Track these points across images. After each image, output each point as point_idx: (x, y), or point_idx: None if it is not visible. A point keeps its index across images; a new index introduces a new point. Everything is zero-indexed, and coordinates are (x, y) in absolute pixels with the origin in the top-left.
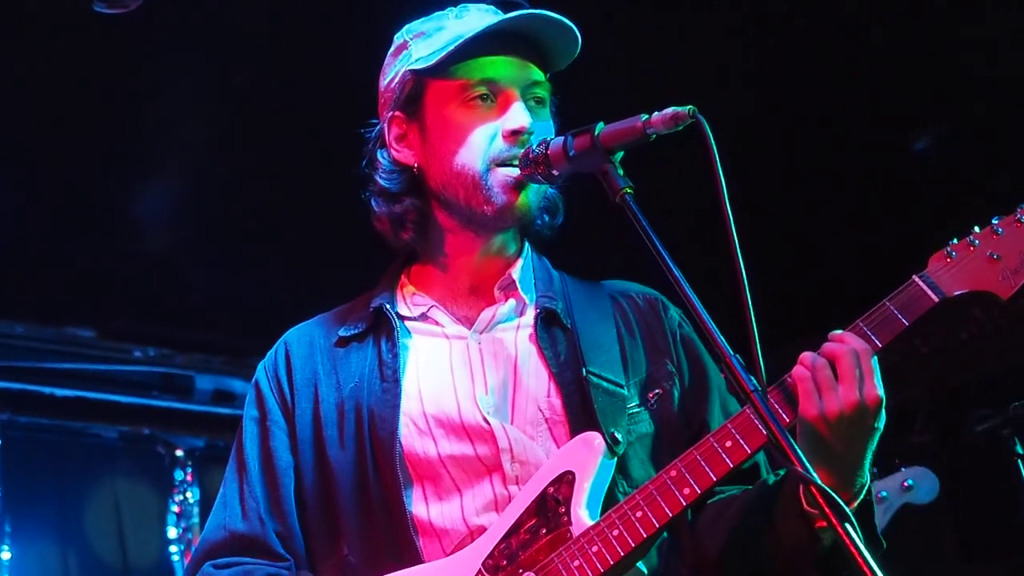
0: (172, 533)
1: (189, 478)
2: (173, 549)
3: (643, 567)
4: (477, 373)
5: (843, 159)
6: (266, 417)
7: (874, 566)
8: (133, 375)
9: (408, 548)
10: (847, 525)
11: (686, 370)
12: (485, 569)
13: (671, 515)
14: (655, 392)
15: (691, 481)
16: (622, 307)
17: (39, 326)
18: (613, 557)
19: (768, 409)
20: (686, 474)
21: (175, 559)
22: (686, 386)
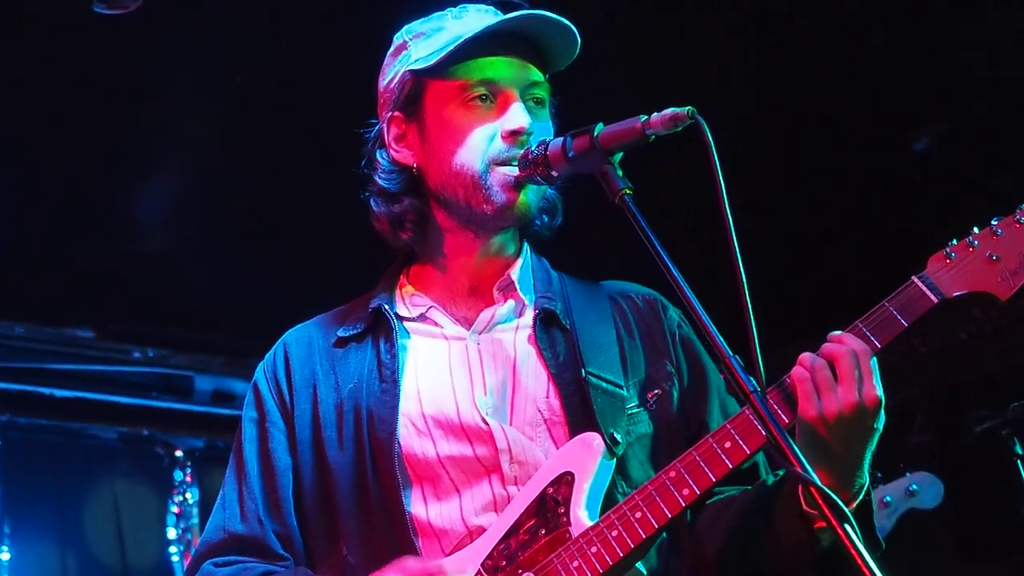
0: (171, 534)
1: (188, 479)
2: (172, 550)
3: (642, 568)
4: (476, 374)
5: (843, 159)
6: (265, 418)
7: (873, 567)
8: (132, 376)
9: (407, 549)
10: (846, 526)
11: (685, 370)
12: (484, 570)
13: (670, 516)
14: (654, 393)
15: (690, 482)
16: (621, 308)
17: (38, 327)
18: (612, 558)
19: (767, 410)
20: (685, 475)
21: (174, 560)
22: (685, 386)
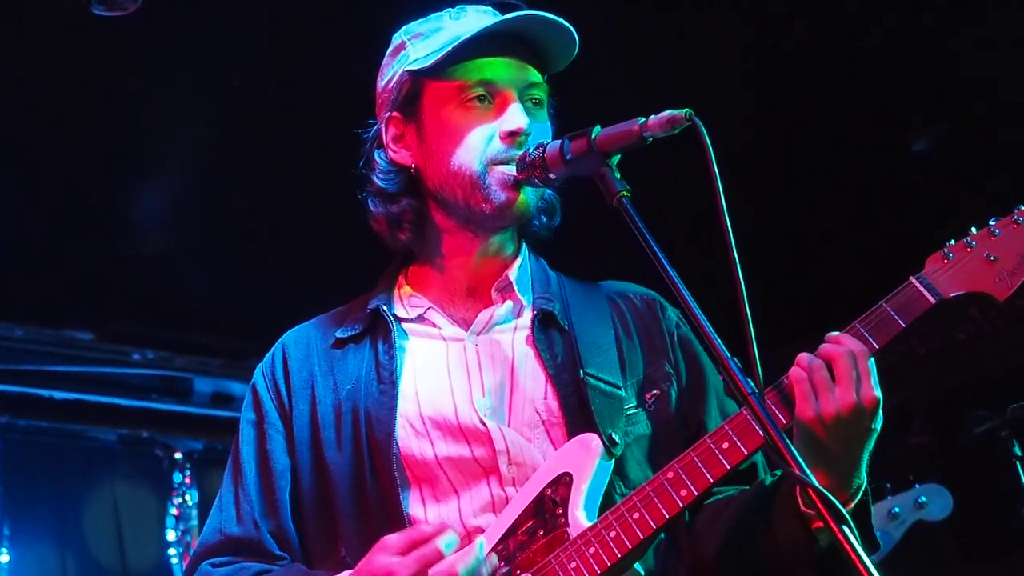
0: (171, 536)
1: (188, 481)
2: (172, 552)
3: (640, 568)
4: (474, 375)
5: (842, 160)
6: (263, 420)
7: (871, 567)
8: (132, 378)
9: None
10: (844, 527)
11: (683, 371)
12: None
13: (668, 517)
14: (652, 393)
15: (688, 483)
16: (620, 308)
17: (38, 328)
18: (610, 559)
19: (765, 411)
20: (683, 476)
21: (174, 561)
22: (683, 387)
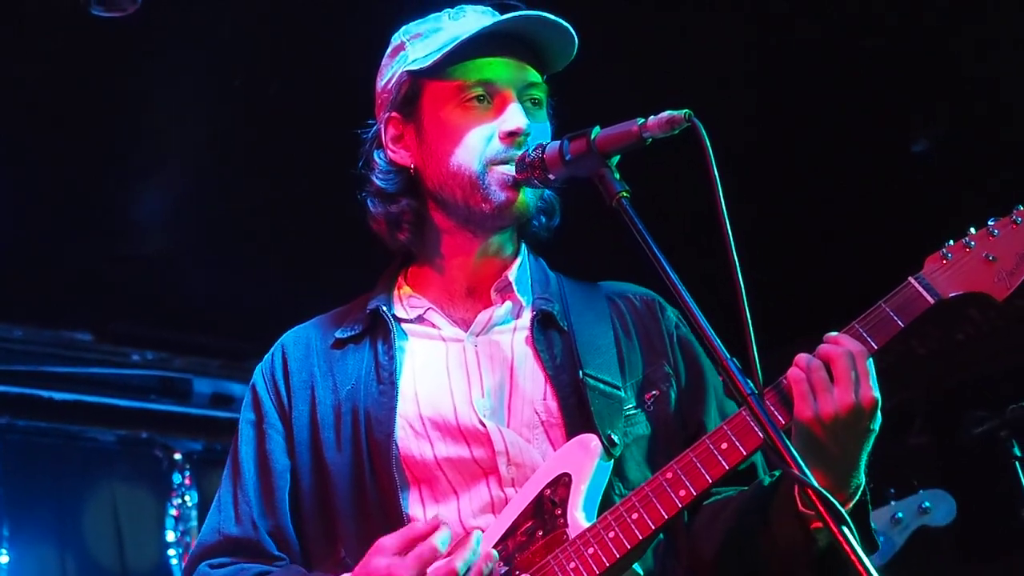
0: (170, 536)
1: (187, 481)
2: (171, 552)
3: (639, 569)
4: (473, 376)
5: (842, 160)
6: (263, 420)
7: (870, 568)
8: (131, 378)
9: None
10: (843, 527)
11: (683, 371)
12: None
13: (667, 517)
14: (652, 394)
15: (687, 483)
16: (619, 308)
17: (37, 329)
18: (609, 559)
19: (764, 412)
20: (682, 476)
21: (173, 562)
22: (683, 387)
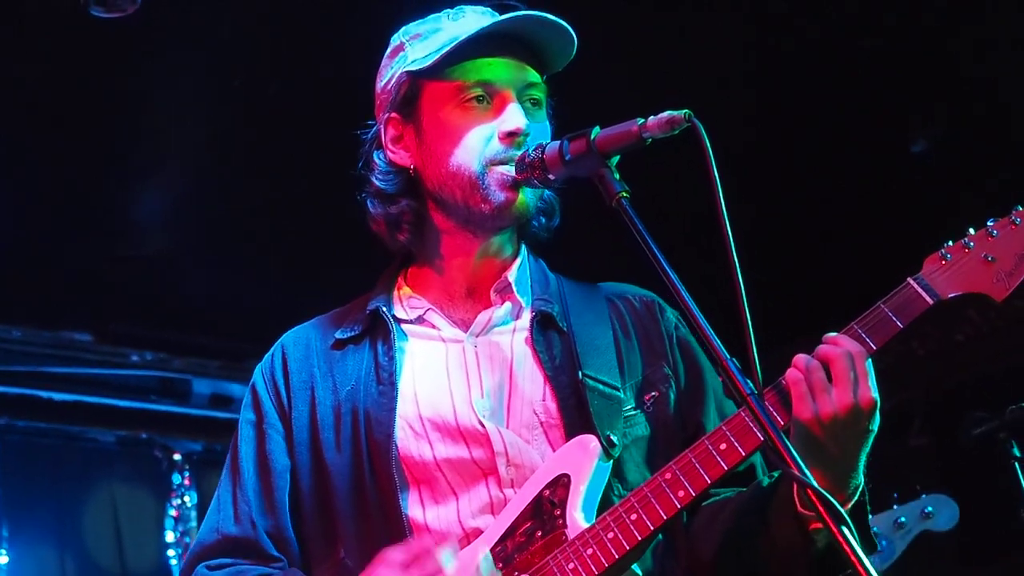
0: (170, 537)
1: (187, 482)
2: (171, 553)
3: (638, 569)
4: (473, 376)
5: (841, 161)
6: (263, 420)
7: (870, 568)
8: (130, 379)
9: None
10: (843, 528)
11: (682, 373)
12: None
13: (666, 517)
14: (651, 395)
15: (685, 483)
16: (618, 309)
17: (36, 330)
18: (608, 560)
19: (764, 412)
20: (681, 476)
21: (172, 563)
22: (682, 389)
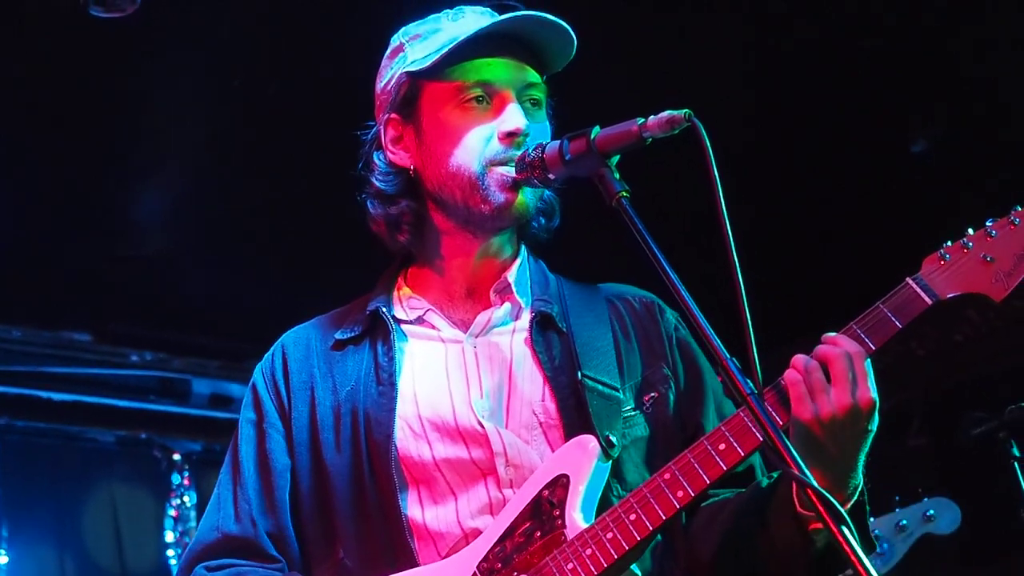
0: (169, 537)
1: (186, 482)
2: (170, 553)
3: (637, 570)
4: (472, 377)
5: (841, 161)
6: (263, 419)
7: (870, 568)
8: (130, 379)
9: (404, 551)
10: (843, 528)
11: (681, 374)
12: (480, 572)
13: (664, 518)
14: (650, 396)
15: (684, 484)
16: (618, 310)
17: (35, 330)
18: (607, 560)
19: (765, 413)
20: (680, 477)
21: (172, 563)
22: (681, 390)
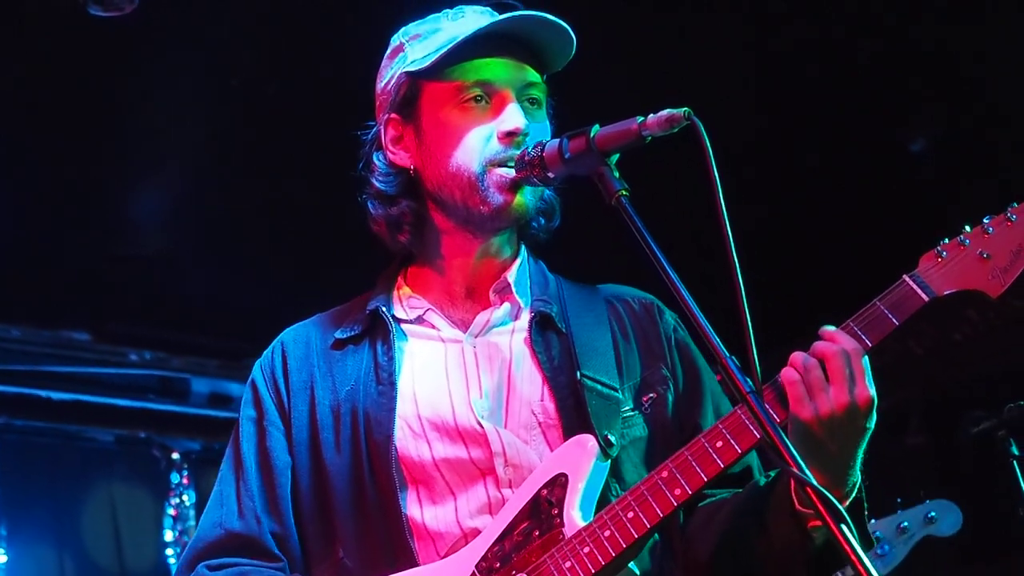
0: (168, 536)
1: (185, 481)
2: (169, 552)
3: (635, 568)
4: (472, 377)
5: (840, 160)
6: (263, 417)
7: (868, 566)
8: (129, 378)
9: (403, 551)
10: (842, 525)
11: (680, 374)
12: (479, 571)
13: (662, 516)
14: (649, 396)
15: (682, 482)
16: (617, 311)
17: (35, 329)
18: (604, 558)
19: (764, 411)
20: (677, 475)
21: (171, 562)
22: (680, 390)
